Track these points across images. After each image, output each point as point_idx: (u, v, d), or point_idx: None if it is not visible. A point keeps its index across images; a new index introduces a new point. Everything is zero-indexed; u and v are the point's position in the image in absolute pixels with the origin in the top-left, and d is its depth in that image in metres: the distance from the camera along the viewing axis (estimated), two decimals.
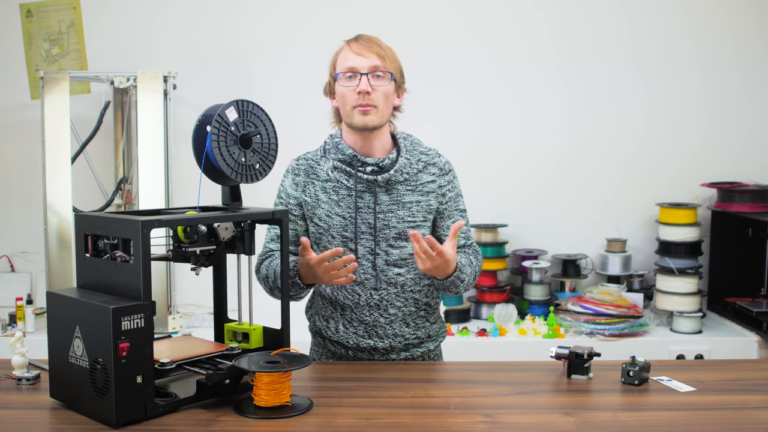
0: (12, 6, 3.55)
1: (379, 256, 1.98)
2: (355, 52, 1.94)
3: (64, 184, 3.23)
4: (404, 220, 1.98)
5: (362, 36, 1.98)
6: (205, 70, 3.64)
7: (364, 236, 1.97)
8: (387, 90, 1.95)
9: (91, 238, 1.59)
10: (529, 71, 3.72)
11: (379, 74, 1.93)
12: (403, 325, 2.02)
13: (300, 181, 2.03)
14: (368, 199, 1.97)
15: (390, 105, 1.98)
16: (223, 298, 1.84)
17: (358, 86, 1.92)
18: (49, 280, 3.23)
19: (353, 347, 2.03)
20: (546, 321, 3.38)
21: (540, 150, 3.74)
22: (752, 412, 1.58)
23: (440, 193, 2.03)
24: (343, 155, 1.99)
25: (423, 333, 2.06)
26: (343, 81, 1.95)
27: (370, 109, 1.93)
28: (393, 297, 2.00)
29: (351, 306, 2.00)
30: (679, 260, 3.48)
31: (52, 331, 1.57)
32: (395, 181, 1.98)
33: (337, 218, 1.97)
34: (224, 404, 1.58)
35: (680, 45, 3.72)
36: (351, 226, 1.97)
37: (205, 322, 3.40)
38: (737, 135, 3.74)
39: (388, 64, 1.94)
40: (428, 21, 3.67)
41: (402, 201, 1.98)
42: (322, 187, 2.00)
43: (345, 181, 1.98)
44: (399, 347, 2.03)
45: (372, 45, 1.95)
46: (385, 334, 2.01)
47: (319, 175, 2.01)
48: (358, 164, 1.97)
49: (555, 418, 1.54)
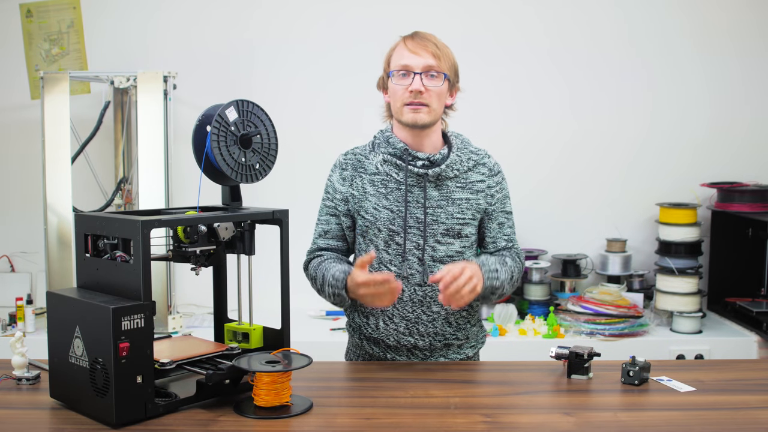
0: (12, 6, 3.55)
1: (426, 252, 1.96)
2: (410, 50, 1.92)
3: (64, 184, 3.23)
4: (453, 217, 1.96)
5: (418, 33, 1.96)
6: (205, 70, 3.64)
7: (411, 231, 1.95)
8: (440, 90, 1.94)
9: (91, 238, 1.59)
10: (529, 71, 3.72)
11: (433, 74, 1.92)
12: (446, 324, 2.00)
13: (347, 175, 2.01)
14: (417, 193, 1.96)
15: (442, 104, 1.97)
16: (223, 298, 1.84)
17: (411, 85, 1.90)
18: (49, 280, 3.23)
19: (393, 345, 2.00)
20: (546, 321, 3.38)
21: (540, 150, 3.74)
22: (752, 412, 1.58)
23: (489, 193, 2.02)
24: (394, 149, 1.97)
25: (463, 334, 2.04)
26: (396, 78, 1.93)
27: (422, 108, 1.92)
28: (437, 294, 1.97)
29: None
30: (679, 260, 3.48)
31: (52, 331, 1.57)
32: (445, 177, 1.97)
33: (384, 211, 1.96)
34: (224, 404, 1.58)
35: (681, 45, 3.72)
36: (398, 219, 1.95)
37: (205, 322, 3.40)
38: (737, 135, 3.74)
39: (442, 64, 1.93)
40: (427, 16, 3.66)
41: (452, 197, 1.97)
42: (371, 180, 1.99)
43: (395, 175, 1.96)
44: (439, 346, 2.01)
45: (428, 44, 1.93)
46: (426, 332, 1.99)
47: (367, 169, 2.00)
48: (408, 158, 1.96)
49: (555, 418, 1.54)
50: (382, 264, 1.98)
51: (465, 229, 1.98)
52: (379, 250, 1.98)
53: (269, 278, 2.04)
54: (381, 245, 1.98)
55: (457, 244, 1.98)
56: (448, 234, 1.97)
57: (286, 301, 1.76)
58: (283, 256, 1.75)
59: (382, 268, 1.98)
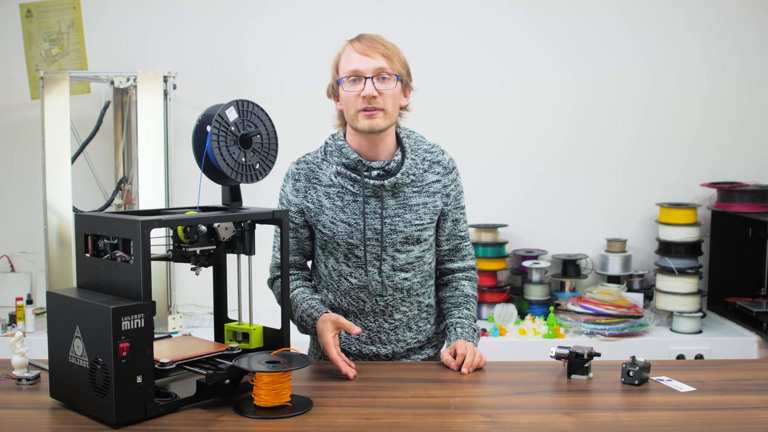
0: (12, 6, 3.55)
1: (386, 262, 1.94)
2: (358, 53, 1.85)
3: (64, 184, 3.23)
4: (412, 224, 1.93)
5: (365, 35, 1.88)
6: (205, 70, 3.64)
7: (370, 242, 1.92)
8: (393, 92, 1.87)
9: (91, 238, 1.59)
10: (530, 72, 3.72)
11: (385, 76, 1.85)
12: (406, 329, 2.01)
13: (301, 186, 1.97)
14: (374, 204, 1.91)
15: (397, 107, 1.90)
16: (223, 298, 1.84)
17: (363, 90, 1.84)
18: (49, 280, 3.23)
19: (355, 353, 2.01)
20: (546, 321, 3.38)
21: (540, 150, 3.74)
22: (752, 412, 1.58)
23: (445, 193, 1.99)
24: (347, 159, 1.92)
25: (423, 336, 2.05)
26: (347, 85, 1.86)
27: (377, 113, 1.85)
28: (399, 302, 1.97)
29: (355, 312, 1.98)
30: (679, 260, 3.48)
31: (52, 331, 1.57)
32: (402, 184, 1.93)
33: (342, 225, 1.92)
34: (224, 404, 1.58)
35: (681, 44, 3.72)
36: (357, 232, 1.91)
37: (205, 322, 3.40)
38: (738, 135, 3.74)
39: (394, 65, 1.86)
40: (427, 17, 3.66)
41: (409, 204, 1.93)
42: (326, 192, 1.94)
43: (350, 187, 1.92)
44: (401, 353, 2.02)
45: (376, 45, 1.86)
46: (387, 339, 1.99)
47: (321, 180, 1.95)
48: (363, 169, 1.91)
49: (555, 418, 1.54)
50: (342, 277, 1.97)
51: (423, 234, 1.96)
52: (339, 263, 1.96)
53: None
54: (341, 258, 1.96)
55: (416, 249, 1.96)
56: (407, 242, 1.94)
57: (285, 301, 1.76)
58: (283, 256, 1.74)
59: (342, 281, 1.97)
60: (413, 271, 1.97)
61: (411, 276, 1.97)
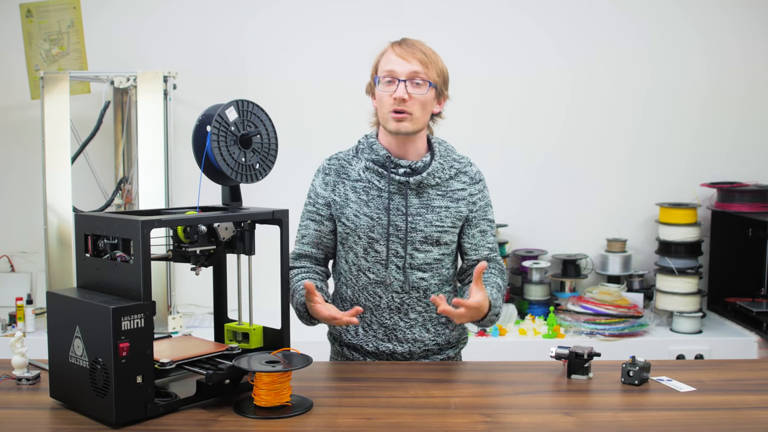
0: (12, 6, 3.55)
1: (405, 260, 1.96)
2: (397, 55, 1.91)
3: (64, 184, 3.23)
4: (432, 224, 1.96)
5: (407, 40, 1.95)
6: (205, 70, 3.64)
7: (391, 238, 1.95)
8: (425, 98, 1.92)
9: (91, 238, 1.59)
10: (529, 71, 3.72)
11: (419, 81, 1.90)
12: (423, 330, 2.02)
13: (330, 180, 2.02)
14: (398, 201, 1.95)
15: (427, 112, 1.95)
16: (223, 298, 1.84)
17: (395, 92, 1.89)
18: (49, 280, 3.23)
19: (372, 351, 2.02)
20: (546, 321, 3.38)
21: (540, 150, 3.74)
22: (752, 412, 1.58)
23: (471, 201, 2.02)
24: (376, 156, 1.97)
25: (443, 339, 2.05)
26: (382, 85, 1.93)
27: (405, 116, 1.90)
28: (415, 301, 1.99)
29: (371, 308, 2.00)
30: (679, 260, 3.48)
31: (52, 331, 1.57)
32: (426, 185, 1.96)
33: (364, 218, 1.96)
34: (224, 404, 1.58)
35: (682, 44, 3.72)
36: (378, 227, 1.95)
37: (205, 322, 3.40)
38: (737, 135, 3.74)
39: (429, 72, 1.91)
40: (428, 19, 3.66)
41: (432, 205, 1.97)
42: (353, 186, 1.99)
43: (376, 182, 1.96)
44: (418, 353, 2.03)
45: (415, 50, 1.91)
46: (404, 338, 2.00)
47: (349, 175, 2.00)
48: (391, 165, 1.96)
49: (555, 418, 1.54)
50: (360, 271, 1.99)
51: (444, 237, 1.98)
52: (359, 257, 1.99)
53: (269, 278, 2.04)
54: (360, 252, 1.98)
55: (435, 251, 1.98)
56: (427, 242, 1.97)
57: (285, 301, 1.76)
58: (283, 256, 1.75)
59: (361, 276, 2.00)
60: (431, 272, 1.99)
61: (428, 277, 1.99)
